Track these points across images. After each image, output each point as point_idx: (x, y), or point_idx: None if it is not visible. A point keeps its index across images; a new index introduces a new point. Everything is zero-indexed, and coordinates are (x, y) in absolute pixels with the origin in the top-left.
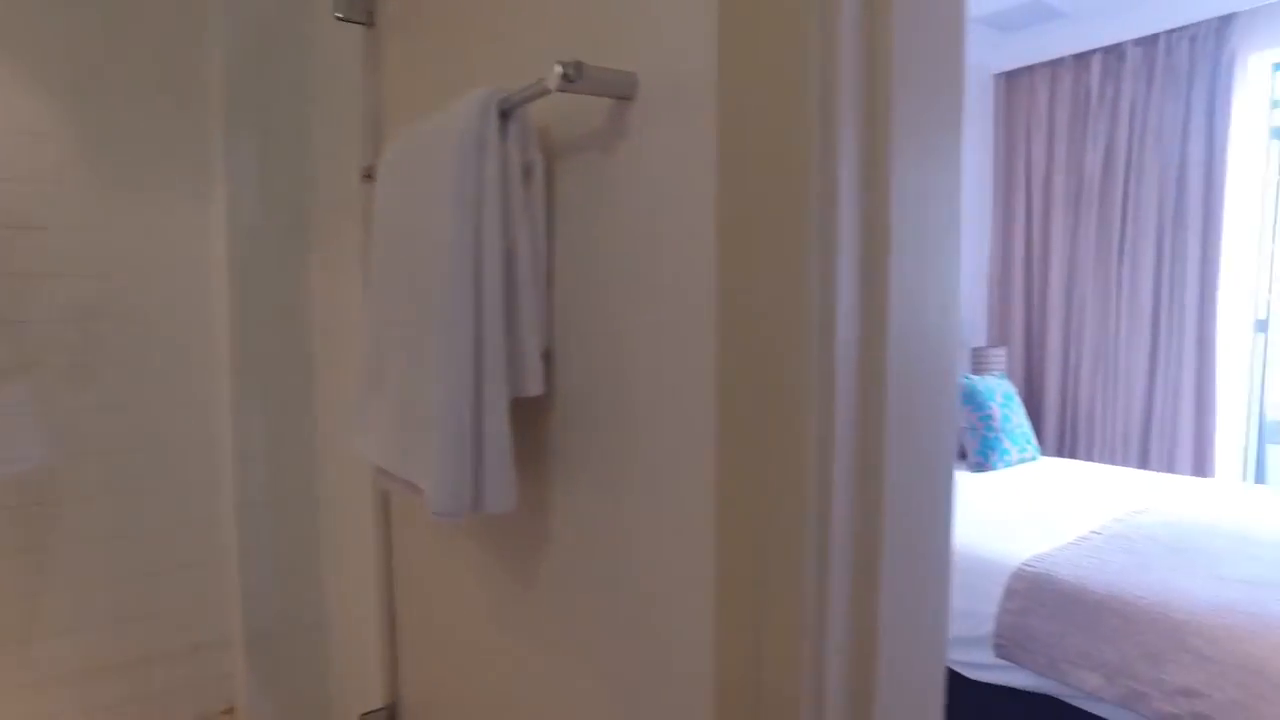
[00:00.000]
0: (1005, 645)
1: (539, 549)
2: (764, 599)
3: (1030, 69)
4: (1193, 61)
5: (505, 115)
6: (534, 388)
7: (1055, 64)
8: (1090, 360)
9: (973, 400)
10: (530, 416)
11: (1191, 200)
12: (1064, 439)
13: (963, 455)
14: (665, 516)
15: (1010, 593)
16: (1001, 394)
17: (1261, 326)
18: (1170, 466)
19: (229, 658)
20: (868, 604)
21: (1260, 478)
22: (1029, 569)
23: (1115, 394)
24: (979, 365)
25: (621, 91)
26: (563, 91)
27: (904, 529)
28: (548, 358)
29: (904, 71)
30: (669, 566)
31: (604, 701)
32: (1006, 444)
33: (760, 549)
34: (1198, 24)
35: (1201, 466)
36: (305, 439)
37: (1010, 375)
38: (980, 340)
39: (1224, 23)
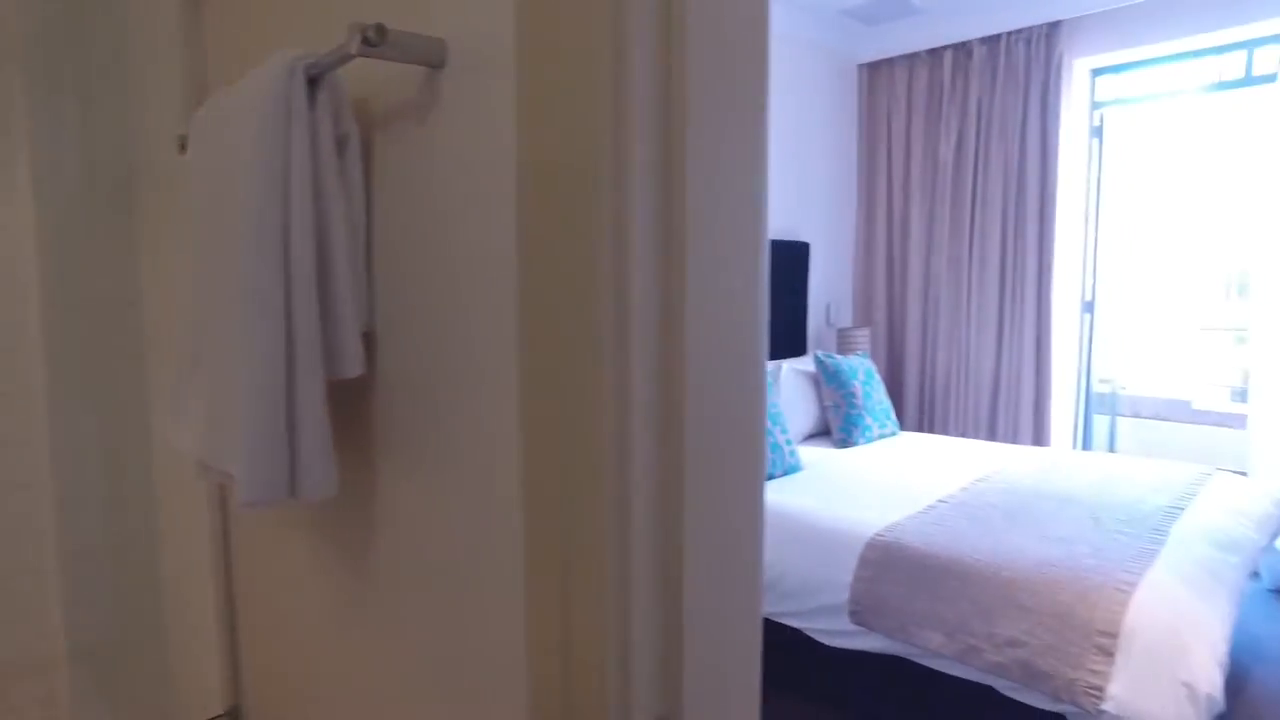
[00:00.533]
0: (859, 611)
1: (369, 536)
2: (571, 581)
3: (891, 61)
4: (1028, 62)
5: (314, 82)
6: (353, 369)
7: (913, 57)
8: (945, 340)
9: (836, 379)
10: (353, 399)
11: (1030, 192)
12: (923, 414)
13: (828, 432)
14: (480, 499)
15: (864, 561)
16: (863, 373)
17: (1088, 308)
18: (1014, 437)
19: (47, 681)
20: (673, 581)
21: (1088, 444)
22: (881, 538)
23: (967, 371)
24: (844, 346)
25: (431, 59)
26: (367, 56)
27: (707, 514)
28: (370, 338)
29: (702, 42)
30: (483, 550)
31: (430, 691)
32: (869, 420)
33: (566, 532)
34: (1031, 28)
35: (1040, 436)
36: (139, 431)
37: (874, 355)
38: (846, 321)
39: (1053, 28)
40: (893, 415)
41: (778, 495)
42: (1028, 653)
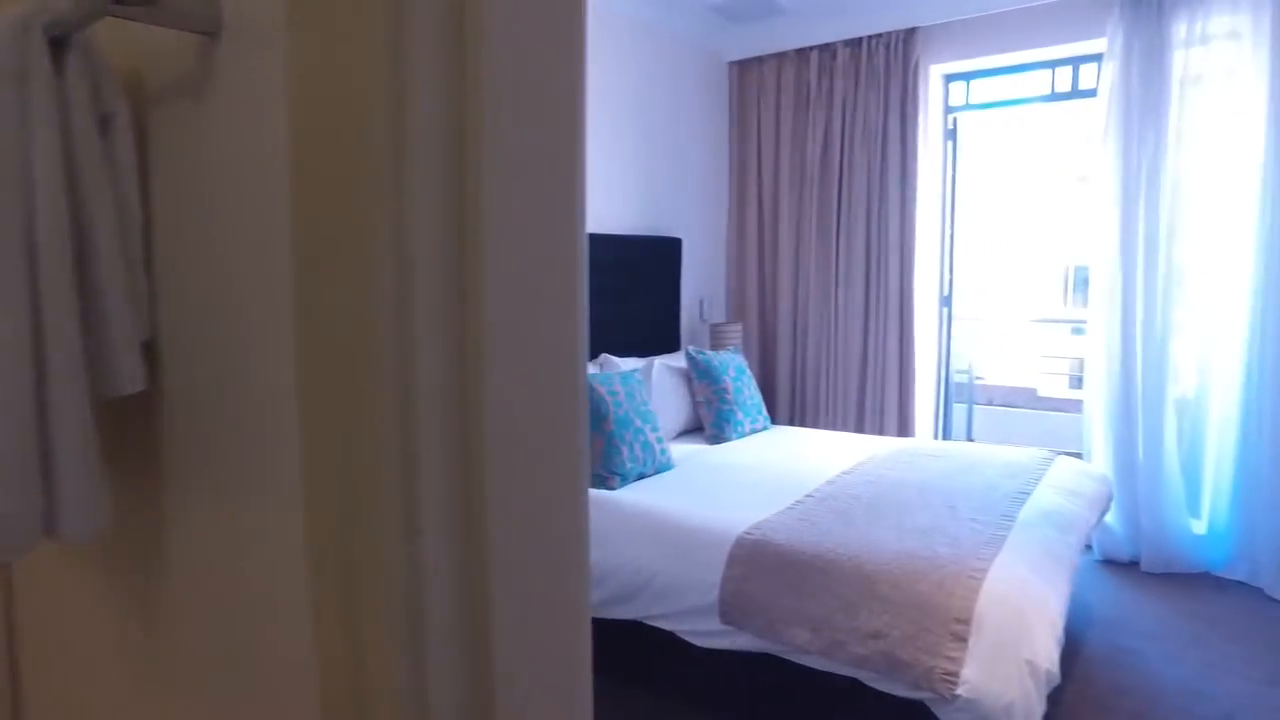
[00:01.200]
0: (729, 611)
1: (154, 579)
2: (358, 617)
3: (760, 59)
4: (888, 66)
5: (59, 46)
6: (129, 384)
7: (781, 57)
8: (815, 334)
9: (708, 375)
10: (135, 419)
11: (891, 191)
12: (795, 408)
13: (701, 428)
14: (270, 524)
15: (732, 560)
16: (735, 368)
17: (946, 302)
18: (881, 428)
19: None
20: (477, 603)
21: (947, 433)
22: (749, 536)
23: (835, 365)
24: (717, 341)
25: (204, 25)
26: (124, 17)
27: (516, 523)
28: (152, 349)
29: (499, 18)
30: (273, 580)
31: None
32: (740, 415)
33: (353, 564)
34: (890, 33)
35: (905, 426)
36: None
37: (746, 350)
38: (720, 317)
39: (909, 35)
40: (764, 410)
41: (648, 495)
42: (889, 644)
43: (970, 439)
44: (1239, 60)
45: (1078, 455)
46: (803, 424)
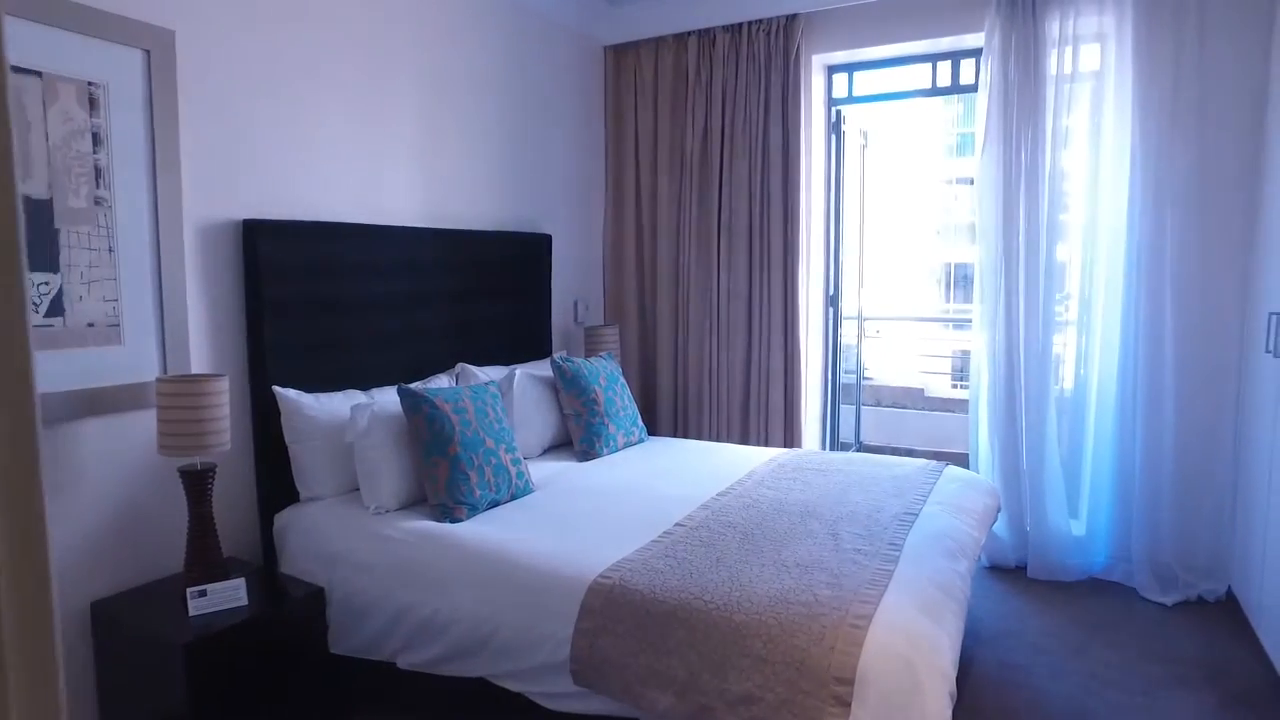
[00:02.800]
0: (581, 670)
1: None
2: None
3: (637, 44)
4: (769, 54)
5: None
6: None
7: (659, 41)
8: (696, 336)
9: (576, 386)
10: None
11: (774, 185)
12: (678, 416)
13: (570, 444)
14: None
15: (586, 610)
16: (606, 376)
17: (832, 301)
18: (767, 436)
19: None
20: None
21: (835, 438)
22: (604, 581)
23: (719, 369)
24: (592, 345)
25: None
26: None
27: None
28: None
29: None
30: None
31: None
32: (612, 428)
33: None
34: (771, 19)
35: (792, 433)
36: None
37: (625, 354)
38: (599, 319)
39: (790, 21)
40: (639, 420)
41: (497, 530)
42: (762, 709)
43: (859, 444)
44: (1107, 62)
45: (965, 458)
46: (686, 433)
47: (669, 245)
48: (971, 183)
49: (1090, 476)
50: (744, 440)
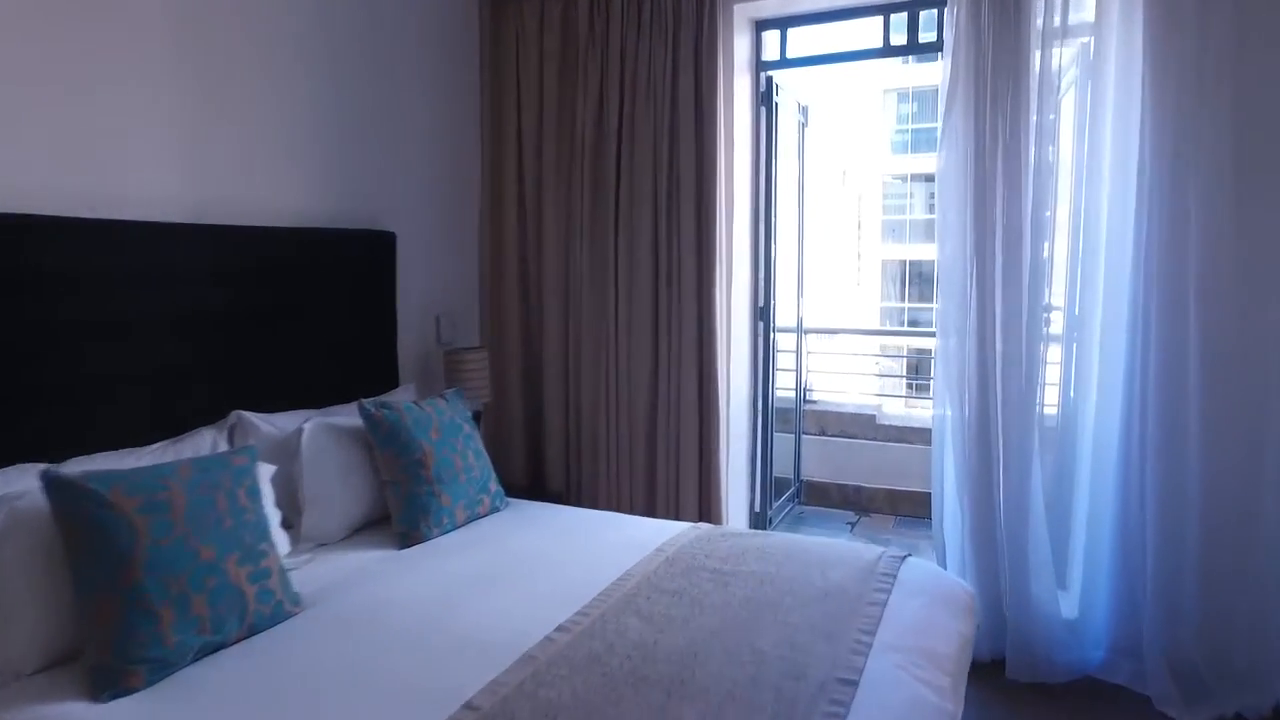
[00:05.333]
0: None
1: None
2: None
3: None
4: (677, 6)
5: None
6: None
7: None
8: (591, 362)
9: (394, 441)
10: None
11: (685, 170)
12: (569, 464)
13: (388, 521)
14: None
15: None
16: (443, 424)
17: (763, 314)
18: (678, 488)
19: None
20: None
21: (768, 479)
22: None
23: (618, 400)
24: (454, 375)
25: None
26: None
27: None
28: None
29: None
30: None
31: None
32: (446, 499)
33: None
34: None
35: (709, 482)
36: None
37: (505, 384)
38: (472, 340)
39: None
40: (493, 483)
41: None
42: None
43: (800, 483)
44: (1109, 9)
45: (927, 499)
46: (580, 487)
47: (557, 246)
48: (930, 180)
49: (1084, 536)
50: (650, 494)
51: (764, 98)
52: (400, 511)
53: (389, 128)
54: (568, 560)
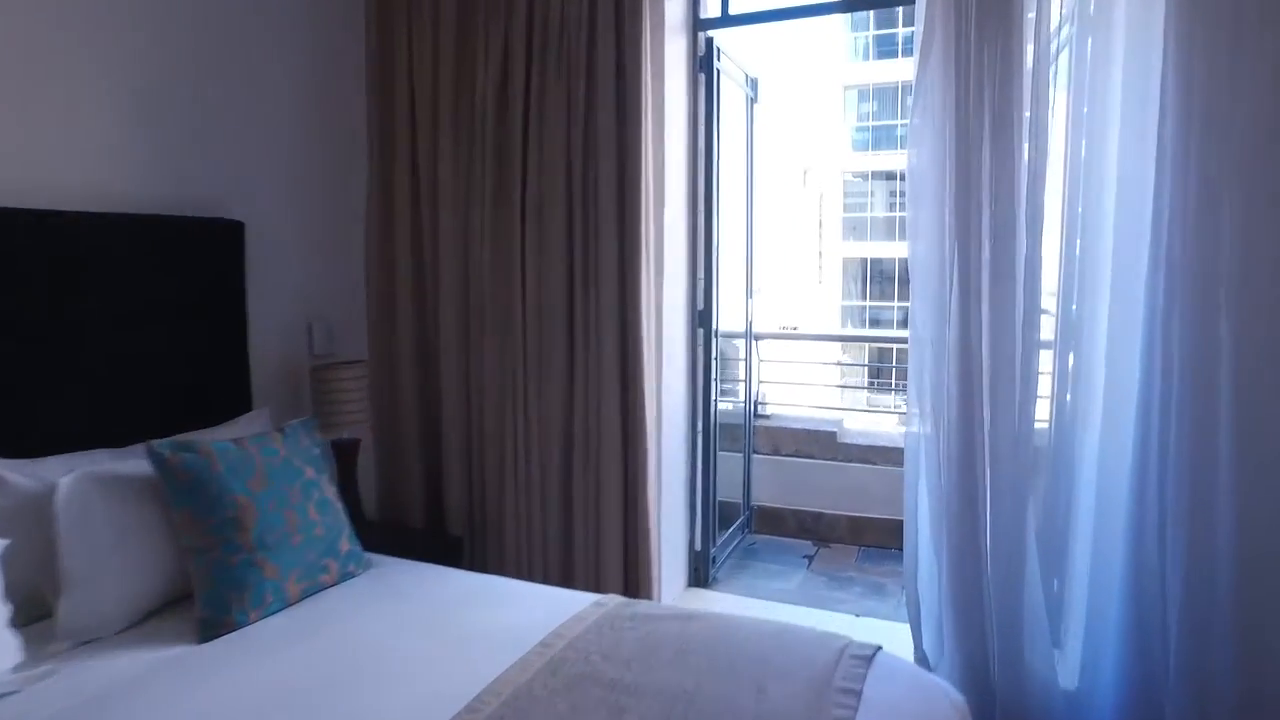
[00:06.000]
0: None
1: None
2: None
3: None
4: None
5: None
6: None
7: None
8: (495, 378)
9: (195, 496)
10: None
11: (604, 150)
12: (473, 506)
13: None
14: None
15: None
16: (278, 465)
17: (703, 319)
18: (599, 533)
19: None
20: None
21: (709, 509)
22: None
23: (528, 427)
24: (324, 396)
25: None
26: None
27: None
28: None
29: None
30: None
31: None
32: (272, 569)
33: None
34: None
35: (633, 526)
36: None
37: (398, 411)
38: (358, 351)
39: None
40: (345, 542)
41: None
42: None
43: (750, 510)
44: None
45: (896, 528)
46: (484, 536)
47: (456, 240)
48: (891, 178)
49: (1084, 581)
50: (567, 536)
51: (703, 63)
52: (204, 589)
53: (242, 97)
54: (419, 662)
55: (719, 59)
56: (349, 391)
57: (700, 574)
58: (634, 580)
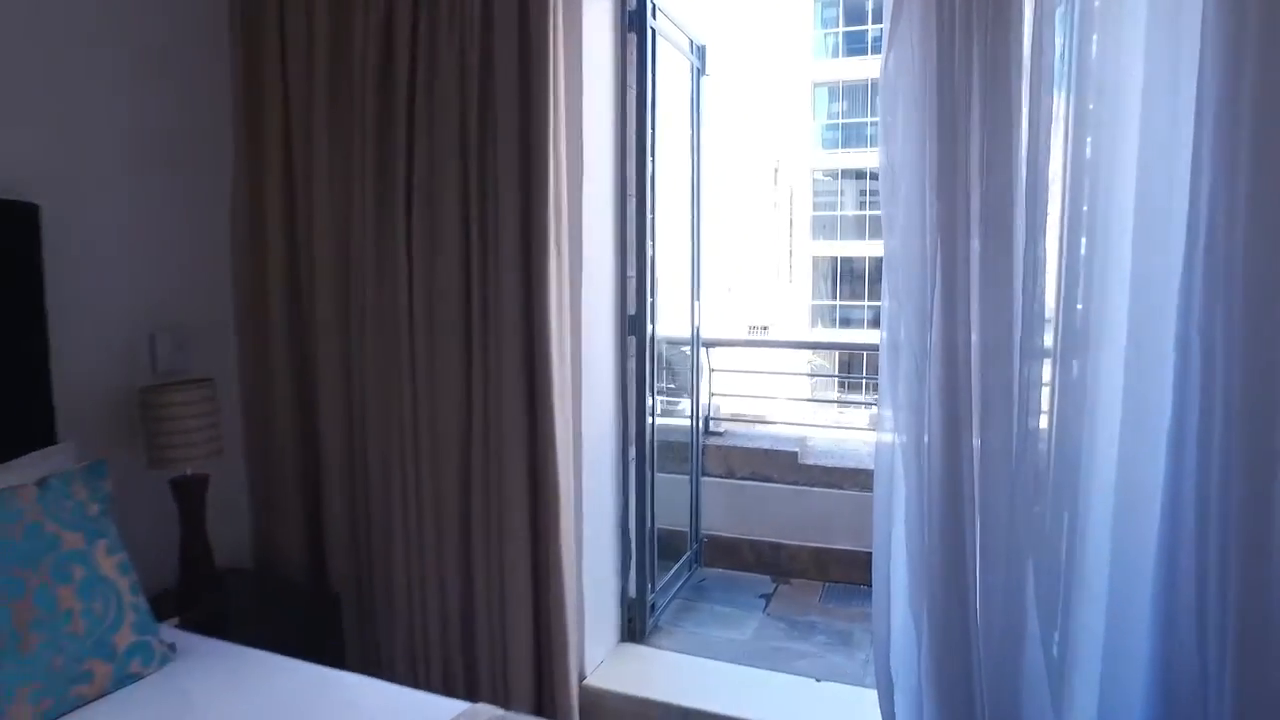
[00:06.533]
0: None
1: None
2: None
3: None
4: None
5: None
6: None
7: None
8: (379, 402)
9: None
10: None
11: (505, 122)
12: (359, 548)
13: None
14: None
15: None
16: (17, 536)
17: (634, 325)
18: (502, 592)
19: None
20: None
21: (645, 548)
22: None
23: (419, 463)
24: (159, 427)
25: None
26: None
27: None
28: None
29: None
30: None
31: None
32: (7, 671)
33: None
34: None
35: (544, 588)
36: None
37: (268, 434)
38: (221, 367)
39: None
40: (131, 630)
41: None
42: None
43: (700, 541)
44: None
45: (865, 562)
46: (370, 583)
47: (335, 228)
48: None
49: (1096, 649)
50: (466, 589)
51: (633, 19)
52: None
53: (45, 51)
54: None
55: (654, 16)
56: (193, 418)
57: (636, 626)
58: (546, 643)
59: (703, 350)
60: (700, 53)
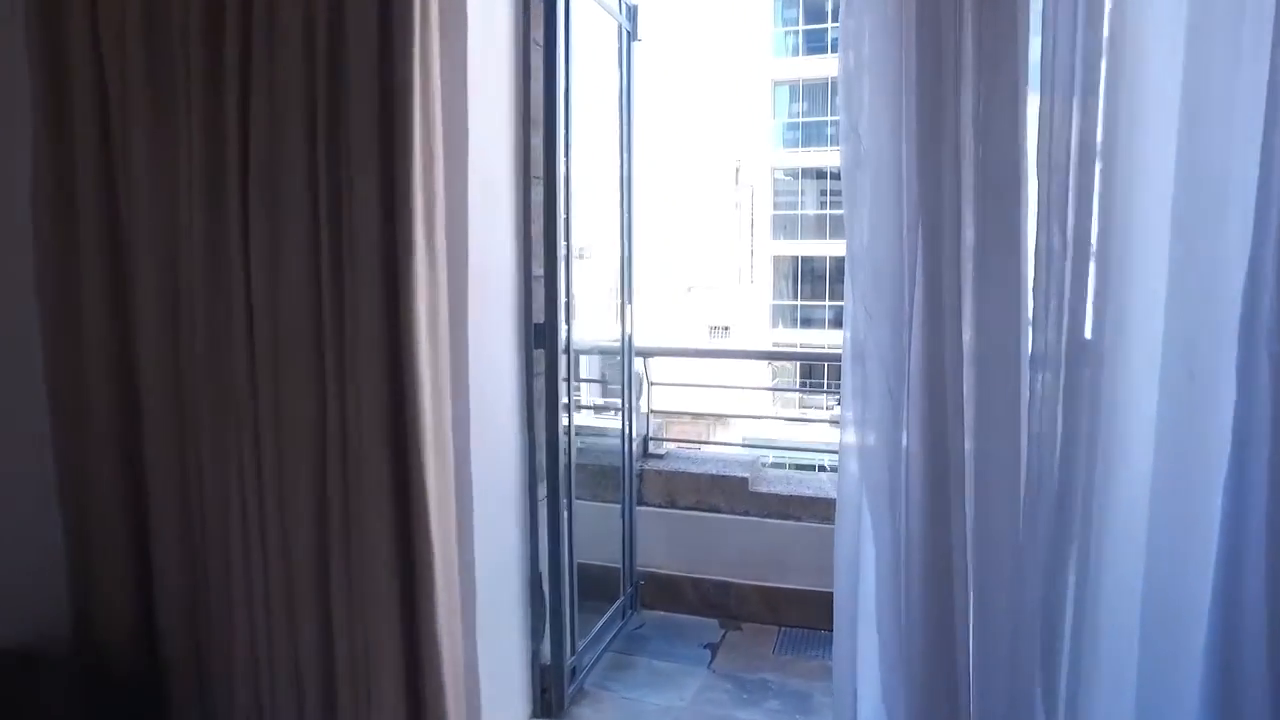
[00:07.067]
0: None
1: None
2: None
3: None
4: None
5: None
6: None
7: None
8: (214, 411)
9: None
10: None
11: (362, 78)
12: (196, 605)
13: None
14: None
15: None
16: None
17: (541, 335)
18: (366, 644)
19: None
20: None
21: (562, 593)
22: None
23: (262, 512)
24: None
25: None
26: None
27: None
28: None
29: None
30: None
31: None
32: None
33: None
34: None
35: (417, 647)
36: None
37: (84, 464)
38: (25, 378)
39: None
40: None
41: None
42: None
43: (637, 582)
44: None
45: (825, 605)
46: (209, 648)
47: (158, 224)
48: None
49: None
50: (326, 661)
51: None
52: None
53: None
54: None
55: None
56: None
57: (551, 697)
58: None
59: (642, 361)
60: (631, 13)
